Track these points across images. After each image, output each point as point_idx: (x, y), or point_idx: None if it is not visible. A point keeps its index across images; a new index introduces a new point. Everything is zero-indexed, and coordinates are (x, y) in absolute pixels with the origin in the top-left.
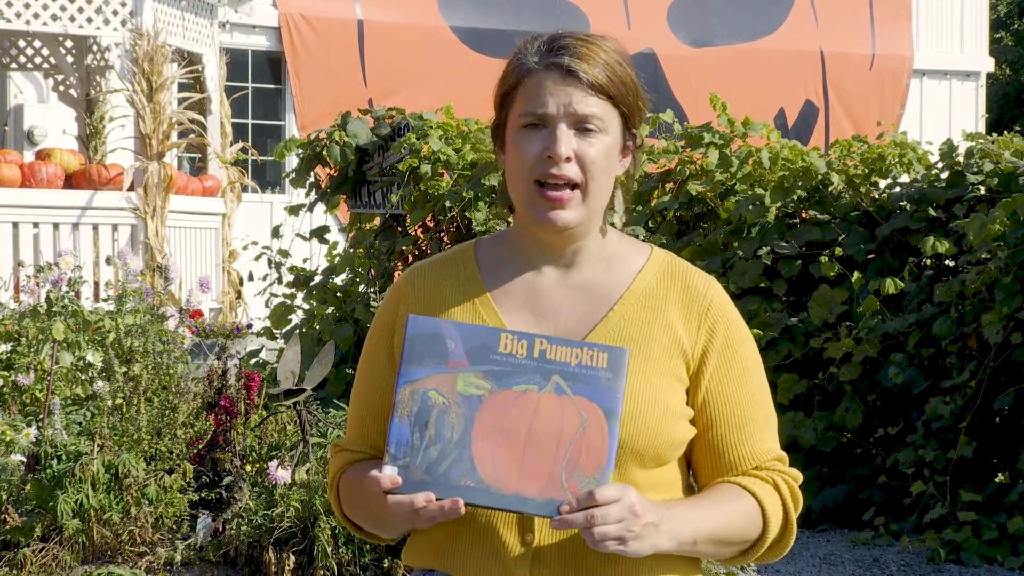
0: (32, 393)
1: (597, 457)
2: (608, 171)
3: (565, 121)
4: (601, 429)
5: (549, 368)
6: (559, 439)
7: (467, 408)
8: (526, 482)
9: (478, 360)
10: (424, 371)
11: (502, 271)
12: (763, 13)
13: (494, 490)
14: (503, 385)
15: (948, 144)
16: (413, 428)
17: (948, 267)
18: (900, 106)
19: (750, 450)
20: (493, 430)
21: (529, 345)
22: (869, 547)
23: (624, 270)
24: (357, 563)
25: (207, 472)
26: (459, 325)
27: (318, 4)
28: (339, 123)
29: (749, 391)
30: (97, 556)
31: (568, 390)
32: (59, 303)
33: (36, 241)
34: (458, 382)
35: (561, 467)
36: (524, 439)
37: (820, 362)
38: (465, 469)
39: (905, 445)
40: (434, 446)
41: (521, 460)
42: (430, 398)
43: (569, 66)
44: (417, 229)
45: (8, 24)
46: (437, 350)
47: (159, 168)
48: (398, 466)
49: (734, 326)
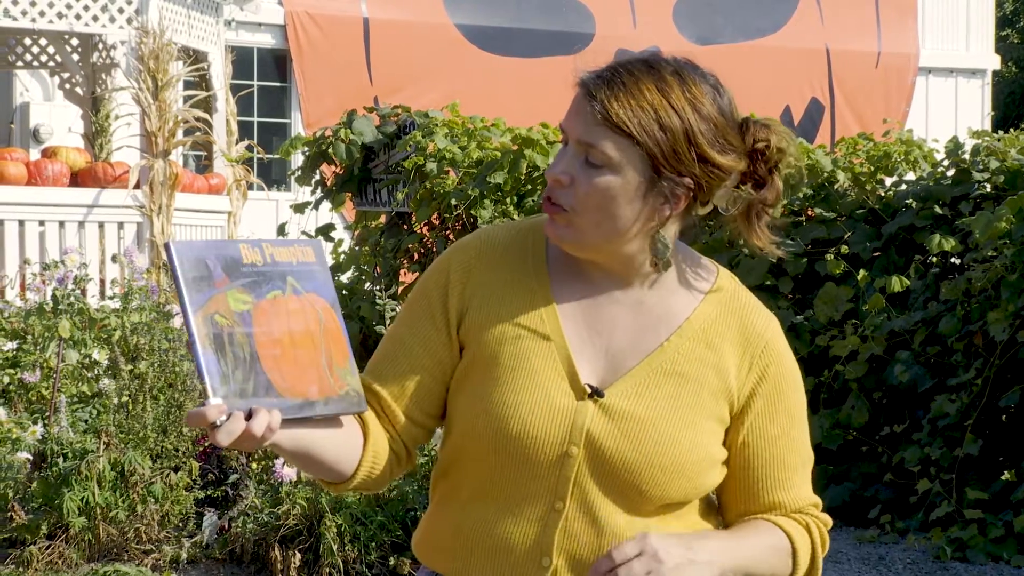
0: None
1: (342, 348)
2: (606, 211)
3: (575, 143)
4: (334, 320)
5: (281, 271)
6: (313, 338)
7: (244, 325)
8: (308, 386)
9: (234, 275)
10: (203, 295)
11: (568, 272)
12: (768, 11)
13: (290, 400)
14: (259, 295)
15: (954, 142)
16: (217, 356)
17: (954, 265)
18: (906, 104)
19: (786, 496)
20: (268, 341)
21: (261, 252)
22: (875, 545)
23: (686, 297)
24: (363, 560)
25: (213, 470)
26: (209, 243)
27: (324, 2)
28: (345, 121)
29: (791, 436)
30: (103, 554)
31: (301, 289)
32: (65, 301)
33: (42, 239)
34: (229, 300)
35: (323, 364)
36: (291, 344)
37: (826, 360)
38: (265, 387)
39: (911, 443)
40: (238, 369)
41: (296, 365)
42: (217, 322)
43: (589, 88)
44: (422, 227)
45: (14, 22)
46: (203, 273)
47: (165, 166)
48: (220, 397)
49: (786, 368)
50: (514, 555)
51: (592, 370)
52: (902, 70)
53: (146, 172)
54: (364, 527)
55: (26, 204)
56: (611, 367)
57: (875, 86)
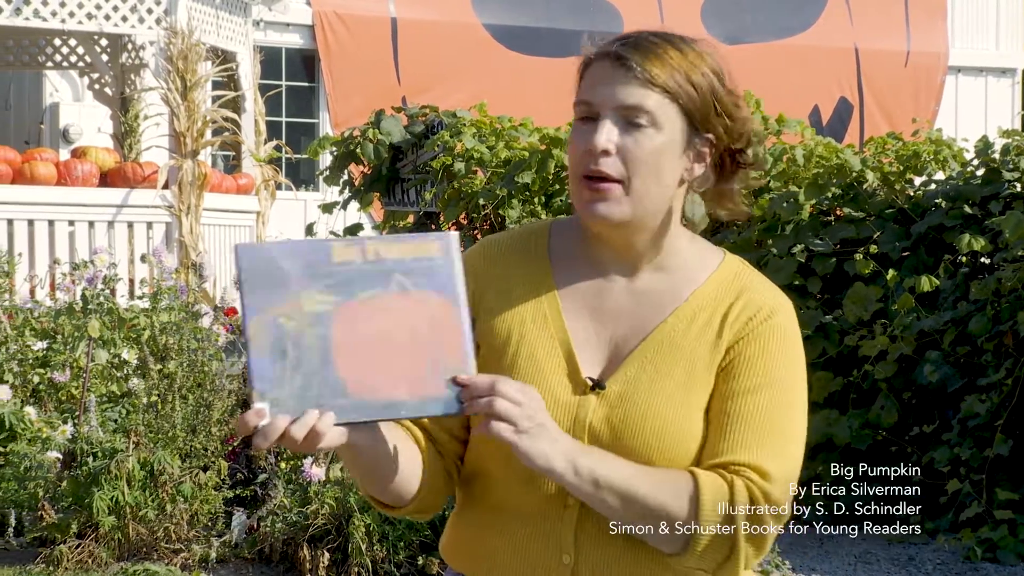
0: (68, 390)
1: (455, 346)
2: (657, 171)
3: (612, 113)
4: (451, 318)
5: (387, 268)
6: (415, 336)
7: (319, 327)
8: (396, 386)
9: (316, 276)
10: (268, 299)
11: (572, 266)
12: (797, 10)
13: (368, 402)
14: (348, 296)
15: (984, 141)
16: (273, 359)
17: (984, 264)
18: (935, 103)
19: (727, 446)
20: (350, 343)
21: (362, 249)
22: (905, 545)
23: (689, 280)
24: (391, 560)
25: (242, 469)
26: (287, 243)
27: (352, 2)
28: (373, 121)
29: (760, 394)
30: (133, 553)
31: (411, 286)
32: (94, 301)
33: (72, 239)
34: (303, 302)
35: (425, 363)
36: (382, 344)
37: (855, 360)
38: (334, 389)
39: (941, 443)
40: (297, 372)
41: (385, 366)
42: (281, 325)
43: (620, 54)
44: (451, 227)
45: (44, 23)
46: (274, 275)
47: (193, 166)
48: (268, 401)
49: (778, 333)
50: (535, 555)
51: (595, 362)
52: (931, 69)
53: (175, 172)
54: (392, 527)
55: (56, 204)
56: (613, 356)
57: (904, 85)
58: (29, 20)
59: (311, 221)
